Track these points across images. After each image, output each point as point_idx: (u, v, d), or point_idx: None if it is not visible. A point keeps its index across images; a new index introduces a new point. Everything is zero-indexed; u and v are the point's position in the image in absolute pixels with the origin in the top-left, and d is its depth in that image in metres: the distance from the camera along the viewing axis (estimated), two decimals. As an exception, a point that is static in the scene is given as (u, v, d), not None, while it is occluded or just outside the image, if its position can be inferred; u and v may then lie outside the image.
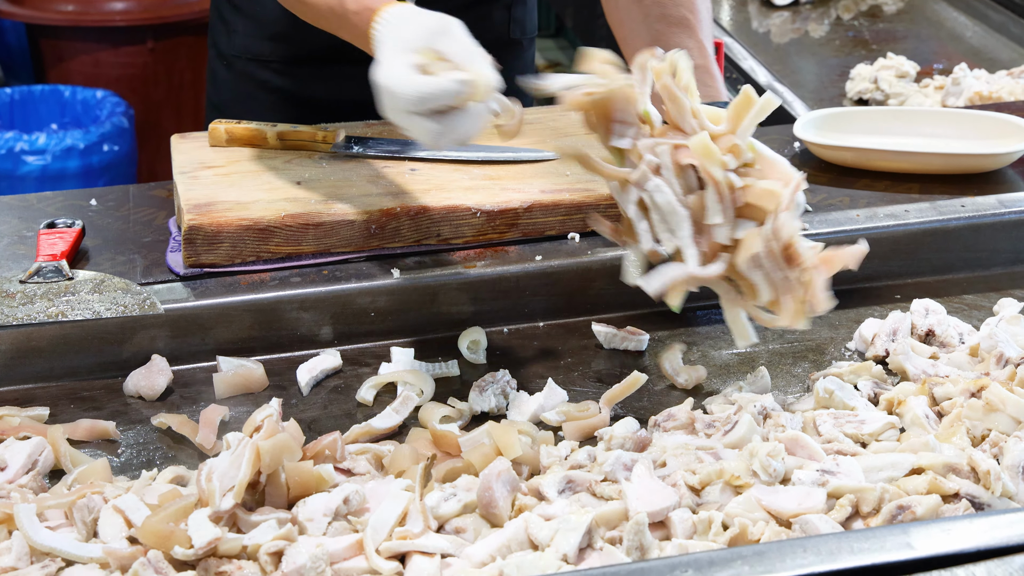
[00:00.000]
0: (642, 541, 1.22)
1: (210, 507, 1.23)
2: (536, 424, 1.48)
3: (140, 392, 1.55)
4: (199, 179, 1.74)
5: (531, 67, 2.25)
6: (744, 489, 1.29)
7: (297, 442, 1.33)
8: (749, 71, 2.73)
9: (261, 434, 1.28)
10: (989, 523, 1.15)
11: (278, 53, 2.08)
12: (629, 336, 1.65)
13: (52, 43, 4.34)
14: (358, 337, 1.66)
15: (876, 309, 1.75)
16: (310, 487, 1.29)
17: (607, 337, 1.66)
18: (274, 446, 1.27)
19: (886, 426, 1.42)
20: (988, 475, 1.29)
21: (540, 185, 1.76)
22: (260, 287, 1.64)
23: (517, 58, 2.19)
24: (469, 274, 1.68)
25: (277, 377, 1.59)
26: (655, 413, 1.47)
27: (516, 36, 2.16)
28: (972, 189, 1.89)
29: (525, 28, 2.18)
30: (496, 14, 2.12)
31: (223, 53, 2.14)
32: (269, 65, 2.09)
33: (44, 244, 1.68)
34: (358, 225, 1.68)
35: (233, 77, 2.13)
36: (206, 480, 1.24)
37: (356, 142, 1.85)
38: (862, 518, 1.27)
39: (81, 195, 1.87)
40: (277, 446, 1.27)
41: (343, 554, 1.22)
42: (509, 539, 1.23)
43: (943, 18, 3.20)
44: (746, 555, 1.11)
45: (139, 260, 1.70)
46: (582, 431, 1.46)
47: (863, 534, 1.14)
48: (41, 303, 1.57)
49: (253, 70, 2.11)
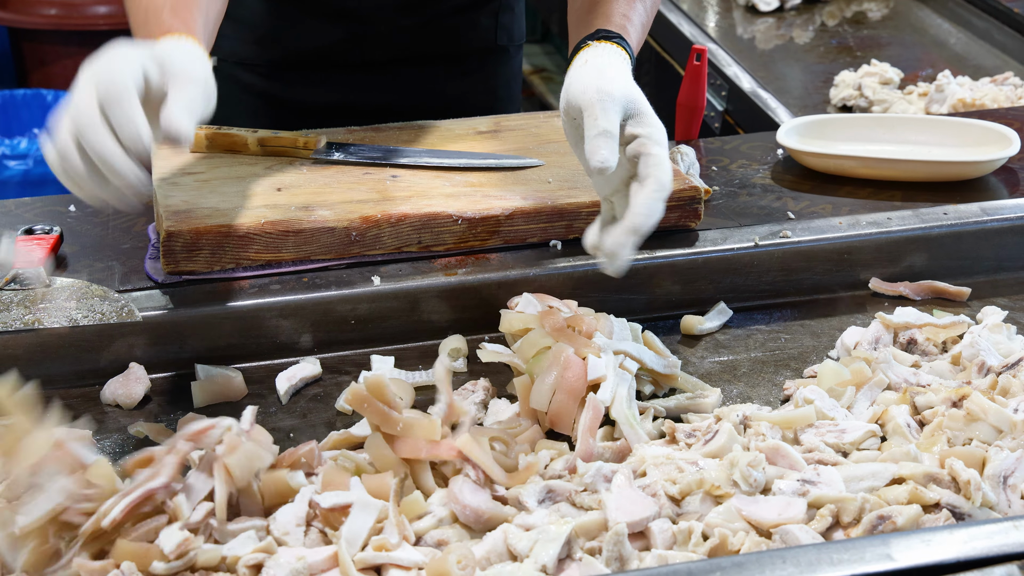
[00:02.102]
0: (622, 551, 1.21)
1: (180, 521, 1.22)
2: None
3: (117, 400, 1.54)
4: (178, 185, 1.73)
5: (518, 74, 2.25)
6: (724, 499, 1.29)
7: (267, 448, 1.31)
8: (733, 77, 2.73)
9: (223, 449, 1.27)
10: (969, 534, 1.15)
11: (263, 57, 2.07)
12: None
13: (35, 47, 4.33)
14: (338, 345, 1.65)
15: (858, 317, 1.74)
16: (285, 495, 1.28)
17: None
18: (242, 459, 1.25)
19: (867, 435, 1.42)
20: (968, 485, 1.29)
21: (522, 192, 1.75)
22: (239, 294, 1.63)
23: (504, 64, 2.19)
24: (450, 281, 1.67)
25: (256, 385, 1.58)
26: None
27: (503, 43, 2.16)
28: (955, 197, 1.89)
29: (512, 35, 2.17)
30: (483, 21, 2.11)
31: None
32: (255, 69, 2.09)
33: (21, 250, 1.66)
34: (339, 232, 1.67)
35: (218, 81, 2.11)
36: (173, 503, 1.23)
37: (337, 148, 1.84)
38: (842, 528, 1.27)
39: (60, 201, 1.86)
40: (245, 458, 1.26)
41: (320, 566, 1.21)
42: (488, 550, 1.22)
43: (927, 25, 3.20)
44: (725, 566, 1.11)
45: (117, 267, 1.69)
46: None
47: (843, 545, 1.14)
48: (18, 310, 1.56)
49: (238, 74, 2.10)
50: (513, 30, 2.17)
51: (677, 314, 1.73)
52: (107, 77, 1.31)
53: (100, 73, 1.32)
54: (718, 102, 2.74)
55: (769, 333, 1.71)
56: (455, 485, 1.30)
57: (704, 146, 2.08)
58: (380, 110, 2.03)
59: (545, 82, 5.43)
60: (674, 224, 1.77)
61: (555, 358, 1.45)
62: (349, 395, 1.37)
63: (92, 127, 1.30)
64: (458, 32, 2.08)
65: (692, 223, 1.78)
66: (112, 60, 1.34)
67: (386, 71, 2.08)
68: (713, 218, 1.83)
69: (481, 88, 2.16)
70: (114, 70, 1.32)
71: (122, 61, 1.34)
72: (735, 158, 2.04)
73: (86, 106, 1.30)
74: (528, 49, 5.81)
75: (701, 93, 2.08)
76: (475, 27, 2.10)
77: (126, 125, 1.30)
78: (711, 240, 1.77)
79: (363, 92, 2.07)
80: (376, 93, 2.08)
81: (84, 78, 1.34)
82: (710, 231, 1.79)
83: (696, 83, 2.07)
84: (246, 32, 2.07)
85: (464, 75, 2.13)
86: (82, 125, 1.30)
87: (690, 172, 1.87)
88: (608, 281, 1.69)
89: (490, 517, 1.28)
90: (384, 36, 2.04)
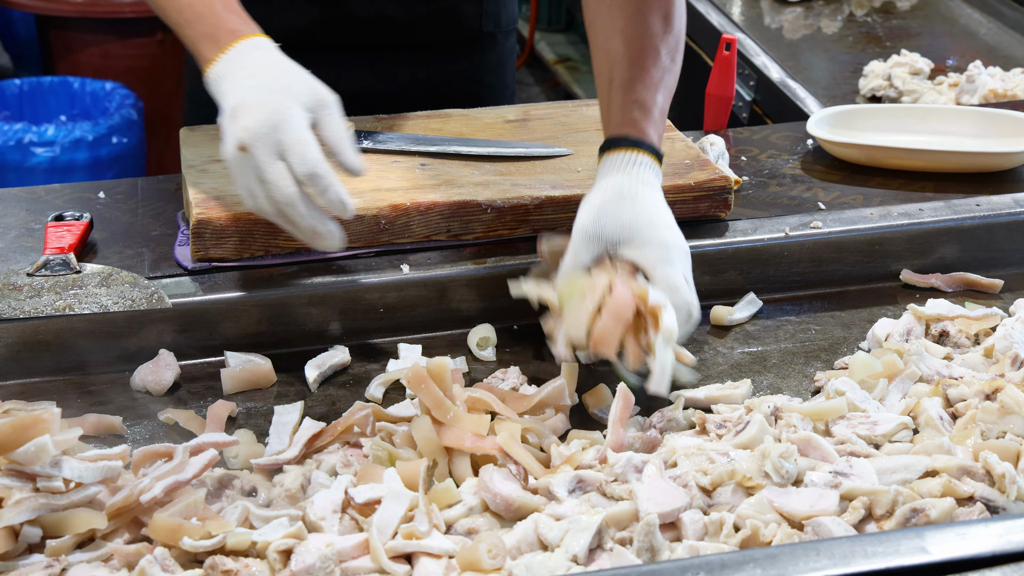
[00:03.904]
0: (652, 542, 1.21)
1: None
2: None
3: (147, 387, 1.54)
4: (208, 172, 1.73)
5: (509, 60, 2.20)
6: (756, 490, 1.28)
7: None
8: (762, 67, 2.71)
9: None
10: (1004, 527, 1.14)
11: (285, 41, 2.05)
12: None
13: (61, 34, 4.33)
14: (367, 333, 1.65)
15: (890, 309, 1.73)
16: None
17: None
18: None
19: (899, 427, 1.41)
20: (1003, 478, 1.28)
21: (551, 181, 1.75)
22: (268, 282, 1.63)
23: (491, 51, 2.14)
24: (479, 270, 1.67)
25: (285, 373, 1.58)
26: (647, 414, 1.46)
27: (489, 30, 2.12)
28: (987, 188, 1.88)
29: (499, 22, 2.13)
30: (467, 8, 2.07)
31: None
32: None
33: (52, 237, 1.67)
34: (368, 220, 1.66)
35: (190, 59, 2.09)
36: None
37: (366, 136, 1.83)
38: (875, 521, 1.26)
39: (89, 188, 1.86)
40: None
41: (351, 553, 1.21)
42: (518, 539, 1.22)
43: (957, 15, 3.18)
44: (758, 558, 1.10)
45: (147, 254, 1.69)
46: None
47: (877, 537, 1.13)
48: (48, 296, 1.56)
49: None
50: (500, 16, 2.12)
51: (706, 304, 1.72)
52: (299, 153, 1.42)
53: (286, 146, 1.43)
54: (746, 92, 2.73)
55: (799, 324, 1.70)
56: (486, 474, 1.30)
57: (733, 136, 2.07)
58: (357, 95, 1.95)
59: (570, 71, 5.41)
60: (704, 214, 1.76)
61: (593, 286, 1.44)
62: (409, 373, 1.37)
63: (297, 204, 1.44)
64: (439, 18, 2.04)
65: (722, 213, 1.77)
66: (287, 127, 1.43)
67: (364, 55, 2.03)
68: (743, 208, 1.82)
69: (466, 75, 2.12)
70: (302, 143, 1.43)
71: (298, 126, 1.44)
72: (764, 148, 2.03)
73: (286, 184, 1.43)
74: (552, 38, 5.79)
75: (730, 83, 2.07)
76: (458, 14, 2.06)
77: (332, 199, 1.46)
78: (741, 230, 1.76)
79: (339, 76, 2.03)
80: (353, 77, 2.01)
81: (262, 151, 1.43)
82: (740, 221, 1.78)
83: (726, 73, 2.06)
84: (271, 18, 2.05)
85: (447, 61, 2.09)
86: (285, 204, 1.44)
87: (719, 162, 1.86)
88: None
89: (520, 506, 1.27)
90: (361, 19, 1.99)
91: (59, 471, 1.23)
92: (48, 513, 1.22)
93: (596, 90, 1.65)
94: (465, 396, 1.39)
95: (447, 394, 1.37)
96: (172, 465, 1.29)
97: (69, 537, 1.22)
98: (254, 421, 1.49)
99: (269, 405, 1.51)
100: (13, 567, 1.19)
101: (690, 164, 1.80)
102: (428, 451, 1.34)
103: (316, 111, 1.47)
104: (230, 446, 1.38)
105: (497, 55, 2.16)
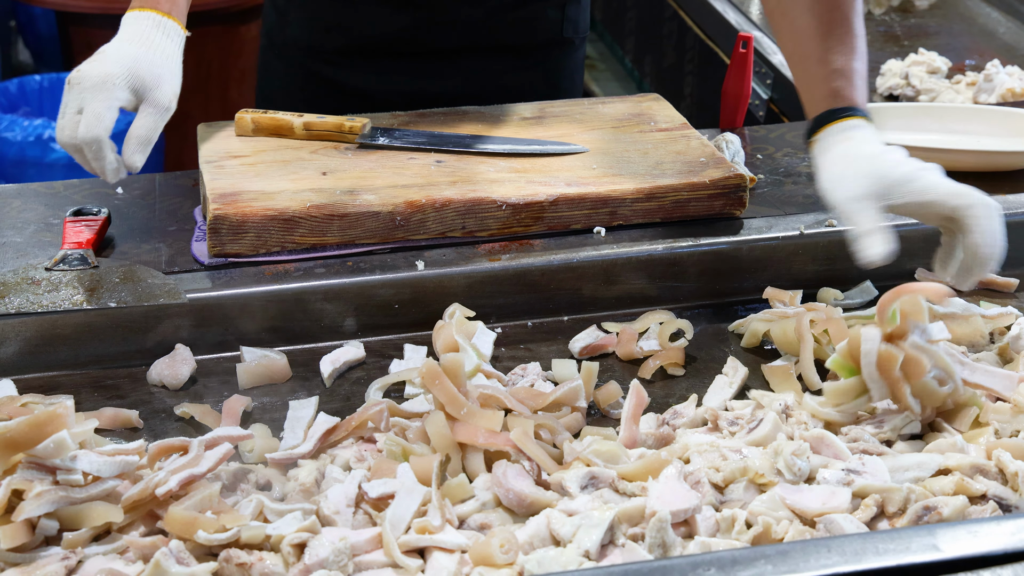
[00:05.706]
0: (664, 538, 1.21)
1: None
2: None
3: (163, 381, 1.55)
4: (225, 168, 1.74)
5: (581, 66, 2.24)
6: (768, 487, 1.29)
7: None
8: (778, 65, 2.71)
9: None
10: (1017, 525, 1.14)
11: (332, 43, 2.06)
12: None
13: (81, 30, 4.35)
14: (382, 329, 1.65)
15: (904, 307, 1.73)
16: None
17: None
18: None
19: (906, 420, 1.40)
20: (1016, 477, 1.28)
21: (566, 179, 1.75)
22: (284, 277, 1.64)
23: (568, 57, 2.17)
24: (494, 267, 1.67)
25: (300, 368, 1.59)
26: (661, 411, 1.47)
27: (569, 35, 2.14)
28: (1003, 187, 1.87)
29: (578, 27, 2.16)
30: (550, 13, 2.10)
31: (275, 43, 2.13)
32: (322, 55, 2.08)
33: (70, 232, 1.68)
34: (383, 216, 1.67)
35: (284, 68, 2.13)
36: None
37: (382, 133, 1.84)
38: (887, 518, 1.26)
39: (108, 183, 1.87)
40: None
41: (364, 547, 1.22)
42: (531, 535, 1.23)
43: (975, 14, 3.17)
44: (770, 554, 1.10)
45: (164, 249, 1.70)
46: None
47: (889, 535, 1.13)
48: (66, 291, 1.58)
49: (306, 61, 2.10)
50: (579, 22, 2.16)
51: (721, 303, 1.72)
52: (88, 119, 1.55)
53: (87, 107, 1.55)
54: (763, 90, 2.73)
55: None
56: (499, 469, 1.30)
57: (749, 134, 2.07)
58: (442, 99, 2.01)
59: (588, 69, 5.40)
60: (719, 212, 1.77)
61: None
62: (424, 369, 1.38)
63: (79, 155, 1.57)
64: (524, 23, 2.07)
65: (737, 211, 1.77)
66: (97, 94, 1.55)
67: (450, 60, 2.06)
68: (758, 206, 1.82)
69: (544, 80, 2.14)
70: (96, 113, 1.54)
71: (105, 98, 1.55)
72: (780, 146, 2.03)
73: (67, 134, 1.56)
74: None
75: (747, 81, 2.07)
76: (542, 19, 2.09)
77: (102, 164, 1.56)
78: (756, 228, 1.77)
79: (426, 81, 2.07)
80: (439, 82, 2.07)
81: (73, 97, 1.57)
82: (755, 219, 1.78)
83: (742, 71, 2.06)
84: (312, 20, 2.07)
85: (529, 67, 2.12)
86: (73, 149, 1.57)
87: (735, 160, 1.86)
88: (651, 268, 1.69)
89: (533, 501, 1.28)
90: (448, 25, 2.03)
91: (78, 465, 1.24)
92: (66, 506, 1.23)
93: (792, 73, 1.68)
94: (478, 393, 1.40)
95: (461, 390, 1.38)
96: (188, 459, 1.30)
97: (86, 530, 1.23)
98: (269, 416, 1.50)
99: (284, 400, 1.52)
100: (31, 559, 1.21)
101: (705, 162, 1.80)
102: (442, 446, 1.34)
103: (139, 97, 1.57)
104: (245, 440, 1.39)
105: (573, 61, 2.19)
